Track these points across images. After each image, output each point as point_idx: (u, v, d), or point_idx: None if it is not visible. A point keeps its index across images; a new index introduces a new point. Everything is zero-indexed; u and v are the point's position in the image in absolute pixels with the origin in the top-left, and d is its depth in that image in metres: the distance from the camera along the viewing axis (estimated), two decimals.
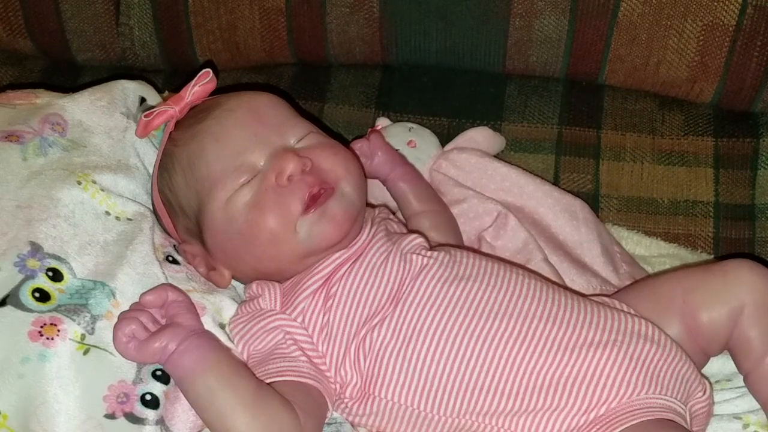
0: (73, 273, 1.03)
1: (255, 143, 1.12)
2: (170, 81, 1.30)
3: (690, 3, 1.34)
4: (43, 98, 1.19)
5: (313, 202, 1.09)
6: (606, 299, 1.15)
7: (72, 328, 0.99)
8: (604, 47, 1.40)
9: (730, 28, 1.35)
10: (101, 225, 1.08)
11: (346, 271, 1.11)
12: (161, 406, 1.01)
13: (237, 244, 1.12)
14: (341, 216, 1.11)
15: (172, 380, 1.02)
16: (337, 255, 1.12)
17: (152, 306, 1.04)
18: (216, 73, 1.19)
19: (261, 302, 1.11)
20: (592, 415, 1.02)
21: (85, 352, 0.99)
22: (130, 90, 1.22)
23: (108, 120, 1.17)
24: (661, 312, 1.12)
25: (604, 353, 1.04)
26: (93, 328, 1.00)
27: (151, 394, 1.01)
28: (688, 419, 1.04)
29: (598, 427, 1.01)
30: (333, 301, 1.09)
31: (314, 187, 1.10)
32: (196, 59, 1.50)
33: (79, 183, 1.08)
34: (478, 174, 1.35)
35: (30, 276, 1.01)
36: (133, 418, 0.99)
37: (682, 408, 1.03)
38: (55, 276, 1.02)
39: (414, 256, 1.12)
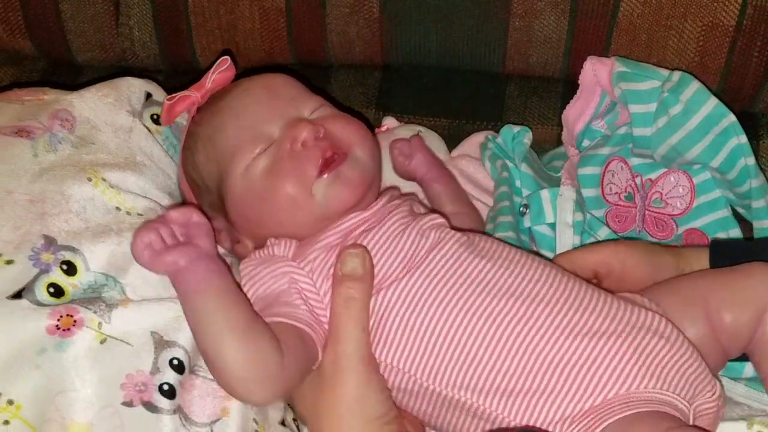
0: (86, 265, 1.03)
1: (271, 115, 1.16)
2: (170, 81, 1.31)
3: (690, 3, 1.34)
4: (50, 95, 1.20)
5: (327, 165, 1.13)
6: (626, 294, 1.15)
7: (89, 317, 0.99)
8: (604, 48, 1.40)
9: (730, 29, 1.35)
10: (113, 219, 1.08)
11: (362, 233, 1.14)
12: (177, 395, 1.01)
13: (257, 211, 1.15)
14: (356, 179, 1.14)
15: (186, 369, 1.03)
16: (353, 215, 1.14)
17: (175, 222, 1.05)
18: (234, 61, 1.22)
19: (275, 249, 1.14)
20: (588, 404, 1.02)
21: (102, 341, 0.99)
22: (136, 87, 1.22)
23: (114, 118, 1.17)
24: (685, 309, 1.12)
25: (607, 343, 1.04)
26: (109, 317, 1.00)
27: (168, 384, 1.01)
28: (690, 417, 1.04)
29: (591, 417, 1.01)
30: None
31: (327, 151, 1.13)
32: (196, 59, 1.50)
33: (90, 180, 1.08)
34: (486, 183, 1.38)
35: (44, 270, 1.01)
36: (152, 407, 1.00)
37: (685, 405, 1.03)
38: (69, 270, 1.02)
39: (432, 232, 1.13)
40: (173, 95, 1.21)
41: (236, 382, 1.01)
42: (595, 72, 1.36)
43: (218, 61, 1.22)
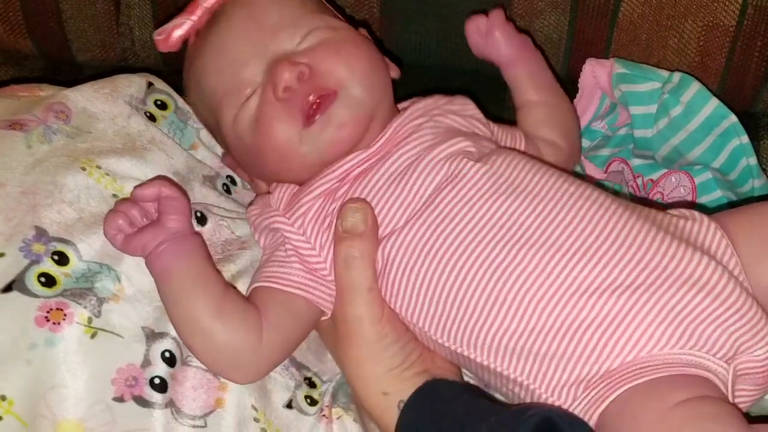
0: (79, 255, 1.03)
1: (251, 54, 1.08)
2: (170, 81, 1.31)
3: (690, 3, 1.34)
4: (46, 91, 1.20)
5: (313, 112, 1.05)
6: (694, 213, 1.03)
7: (78, 312, 0.99)
8: (604, 47, 1.39)
9: (731, 29, 1.34)
10: (108, 207, 1.06)
11: (359, 174, 1.07)
12: (169, 388, 1.01)
13: (252, 160, 1.11)
14: (350, 119, 1.06)
15: (178, 361, 1.03)
16: (350, 156, 1.07)
17: (145, 200, 1.03)
18: None
19: (271, 199, 1.10)
20: (603, 367, 0.93)
21: (93, 336, 0.99)
22: (135, 79, 1.22)
23: (112, 107, 1.16)
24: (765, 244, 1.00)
25: (630, 298, 0.94)
26: (99, 311, 1.00)
27: (159, 377, 1.01)
28: (729, 378, 0.93)
29: (606, 382, 0.92)
30: (338, 204, 1.06)
31: (312, 95, 1.05)
32: None
33: (84, 169, 1.08)
34: None
35: (35, 261, 1.01)
36: (143, 402, 1.00)
37: (721, 366, 0.93)
38: (61, 260, 1.02)
39: (445, 164, 1.04)
40: (162, 29, 1.16)
41: (212, 365, 1.02)
42: (595, 74, 1.36)
43: None
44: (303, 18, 1.11)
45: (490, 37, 1.23)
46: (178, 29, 1.16)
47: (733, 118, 1.29)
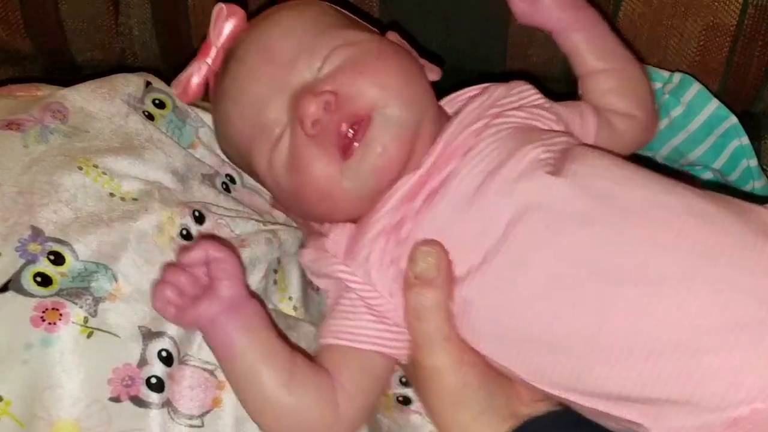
0: (75, 255, 1.02)
1: (271, 93, 1.00)
2: (169, 80, 1.30)
3: (690, 3, 1.33)
4: (44, 90, 1.20)
5: (349, 142, 0.96)
6: None
7: (74, 312, 0.99)
8: None
9: (731, 29, 1.34)
10: (105, 206, 1.06)
11: (423, 204, 0.96)
12: (166, 387, 1.01)
13: (295, 203, 1.04)
14: (390, 142, 0.96)
15: (175, 360, 1.02)
16: (401, 182, 0.97)
17: (192, 265, 0.94)
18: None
19: (327, 243, 1.01)
20: (731, 415, 0.82)
21: (89, 336, 0.99)
22: (133, 79, 1.21)
23: (110, 106, 1.16)
24: None
25: (757, 335, 0.82)
26: (96, 311, 1.00)
27: (156, 377, 1.00)
28: None
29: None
30: (405, 247, 0.96)
31: (343, 125, 0.96)
32: None
33: (81, 168, 1.07)
34: None
35: (31, 260, 1.00)
36: (139, 402, 0.99)
37: None
38: (57, 260, 1.01)
39: (523, 186, 0.92)
40: (177, 80, 1.14)
41: None
42: None
43: (214, 14, 1.11)
44: (318, 40, 1.02)
45: (538, 2, 1.11)
46: (195, 76, 1.13)
47: (734, 119, 1.29)
